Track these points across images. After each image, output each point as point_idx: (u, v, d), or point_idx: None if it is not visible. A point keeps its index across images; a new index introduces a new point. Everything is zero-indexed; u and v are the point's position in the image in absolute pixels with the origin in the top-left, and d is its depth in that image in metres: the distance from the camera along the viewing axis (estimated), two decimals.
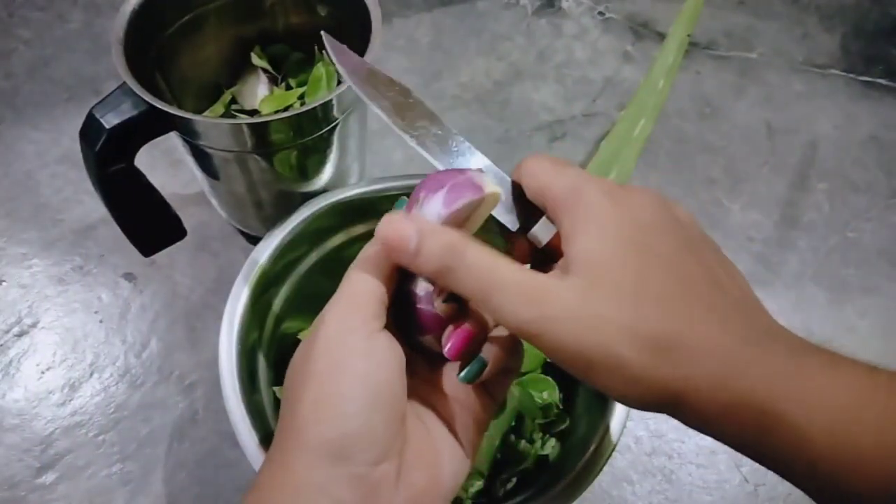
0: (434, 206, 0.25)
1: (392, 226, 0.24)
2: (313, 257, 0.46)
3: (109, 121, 0.40)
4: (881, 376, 0.20)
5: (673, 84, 0.51)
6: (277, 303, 0.45)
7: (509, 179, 0.28)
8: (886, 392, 0.19)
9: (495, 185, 0.26)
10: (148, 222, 0.48)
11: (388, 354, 0.24)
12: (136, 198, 0.45)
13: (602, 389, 0.22)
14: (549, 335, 0.22)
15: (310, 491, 0.22)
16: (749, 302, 0.23)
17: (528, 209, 0.27)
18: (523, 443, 0.43)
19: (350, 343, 0.24)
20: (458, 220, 0.26)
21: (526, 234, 0.27)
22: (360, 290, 0.25)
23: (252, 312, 0.41)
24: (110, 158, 0.41)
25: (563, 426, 0.44)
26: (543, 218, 0.26)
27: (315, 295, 0.37)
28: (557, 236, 0.25)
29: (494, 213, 0.27)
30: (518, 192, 0.27)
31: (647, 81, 0.51)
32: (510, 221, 0.27)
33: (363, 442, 0.23)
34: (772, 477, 0.36)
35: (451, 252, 0.23)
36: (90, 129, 0.40)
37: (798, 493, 0.21)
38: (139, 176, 0.44)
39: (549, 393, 0.44)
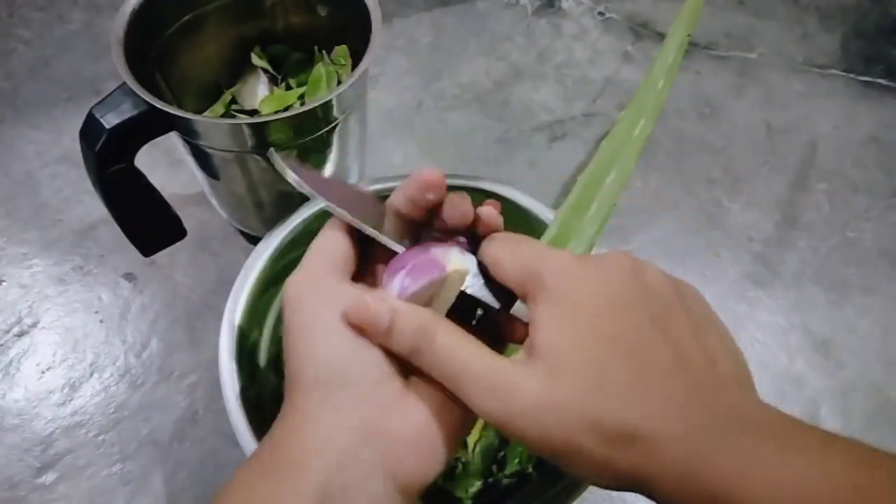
0: (395, 287, 0.25)
1: (365, 305, 0.25)
2: None
3: (109, 121, 0.40)
4: (834, 459, 0.20)
5: (673, 84, 0.51)
6: (277, 303, 0.45)
7: (476, 259, 0.27)
8: (840, 476, 0.19)
9: (462, 262, 0.26)
10: (148, 222, 0.48)
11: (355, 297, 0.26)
12: (136, 198, 0.45)
13: (571, 475, 0.23)
14: (515, 426, 0.22)
15: (325, 417, 0.23)
16: (716, 375, 0.23)
17: (505, 287, 0.27)
18: None
19: (320, 290, 0.26)
20: (422, 300, 0.25)
21: (509, 312, 0.27)
22: (326, 246, 0.28)
23: (252, 312, 0.41)
24: (110, 158, 0.41)
25: None
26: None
27: None
28: None
29: (472, 291, 0.27)
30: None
31: (647, 81, 0.51)
32: (491, 300, 0.27)
33: (357, 364, 0.24)
34: None
35: (423, 335, 0.24)
36: (90, 129, 0.40)
37: None
38: (139, 176, 0.44)
39: None
